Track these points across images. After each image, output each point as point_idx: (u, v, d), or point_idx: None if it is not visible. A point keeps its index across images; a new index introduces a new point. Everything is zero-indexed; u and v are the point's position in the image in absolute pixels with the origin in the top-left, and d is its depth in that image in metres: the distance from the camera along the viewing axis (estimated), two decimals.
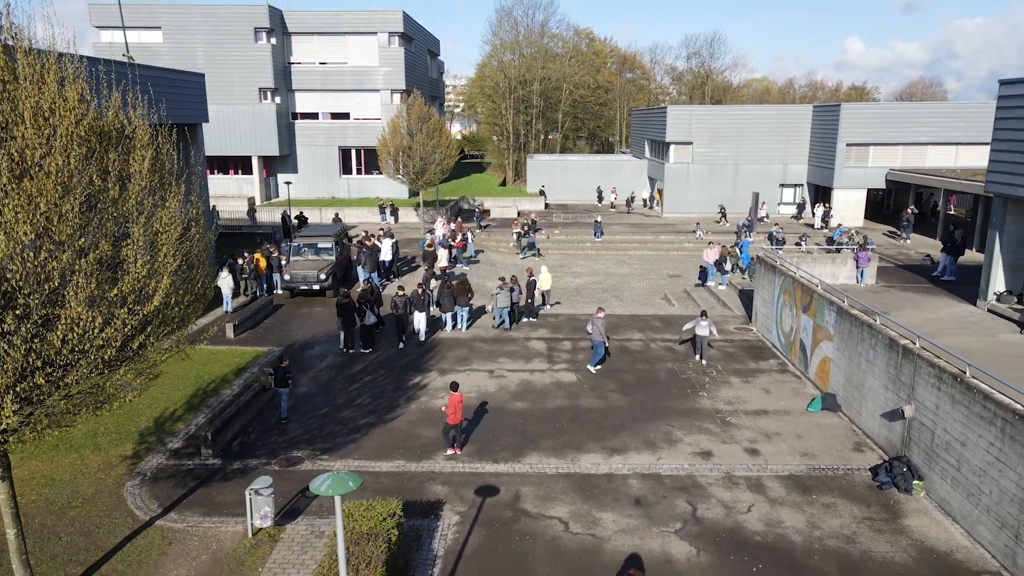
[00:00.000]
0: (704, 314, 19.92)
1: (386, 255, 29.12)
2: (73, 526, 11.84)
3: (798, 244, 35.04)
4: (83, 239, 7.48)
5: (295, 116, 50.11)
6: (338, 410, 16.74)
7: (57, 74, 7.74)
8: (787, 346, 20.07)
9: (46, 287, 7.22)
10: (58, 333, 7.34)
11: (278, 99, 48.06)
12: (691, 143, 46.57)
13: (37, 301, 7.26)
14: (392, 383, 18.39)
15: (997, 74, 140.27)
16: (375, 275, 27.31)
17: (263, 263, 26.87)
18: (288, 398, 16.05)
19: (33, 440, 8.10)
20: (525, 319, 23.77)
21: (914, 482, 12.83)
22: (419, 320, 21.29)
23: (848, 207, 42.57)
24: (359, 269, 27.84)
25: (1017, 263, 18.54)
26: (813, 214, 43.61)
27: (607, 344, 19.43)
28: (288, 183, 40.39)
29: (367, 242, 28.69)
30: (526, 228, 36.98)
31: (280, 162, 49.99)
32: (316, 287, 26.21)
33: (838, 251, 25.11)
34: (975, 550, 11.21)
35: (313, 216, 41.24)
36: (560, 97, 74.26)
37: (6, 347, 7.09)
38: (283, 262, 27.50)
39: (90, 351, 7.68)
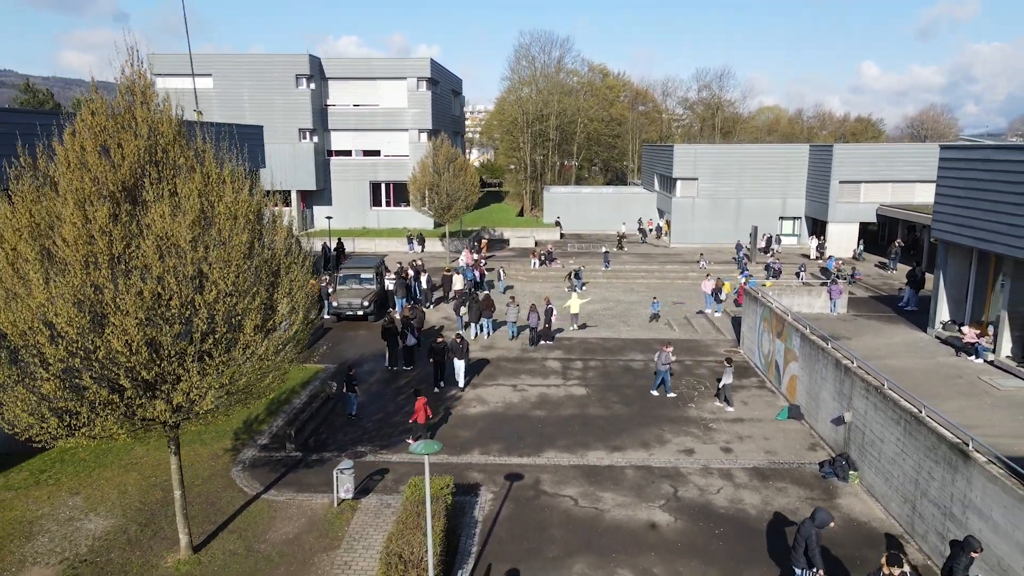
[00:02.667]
0: (729, 360, 21.38)
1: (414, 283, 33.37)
2: (200, 498, 15.55)
3: (797, 275, 38.63)
4: (254, 288, 11.26)
5: (330, 153, 54.48)
6: (390, 416, 20.42)
7: (232, 175, 11.61)
8: (766, 366, 23.55)
9: (233, 321, 11.01)
10: (238, 349, 11.11)
11: (315, 138, 52.45)
12: (696, 179, 50.26)
13: (225, 330, 11.04)
14: (432, 395, 22.03)
15: (1015, 98, 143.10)
16: (404, 301, 31.22)
17: None
18: (356, 400, 20.06)
19: (209, 422, 11.88)
20: (543, 341, 27.41)
21: (850, 472, 16.27)
22: (459, 367, 22.54)
23: (842, 239, 45.98)
24: (395, 297, 31.73)
25: (958, 297, 21.95)
26: (810, 246, 47.05)
27: (665, 373, 21.69)
28: (329, 217, 44.52)
29: (403, 274, 32.66)
30: (544, 256, 40.81)
31: (316, 195, 54.25)
32: (360, 313, 30.08)
33: (823, 284, 28.63)
34: (887, 520, 14.66)
35: (345, 245, 45.35)
36: (575, 130, 78.41)
37: (209, 360, 10.87)
38: (330, 290, 31.38)
39: (254, 362, 11.44)
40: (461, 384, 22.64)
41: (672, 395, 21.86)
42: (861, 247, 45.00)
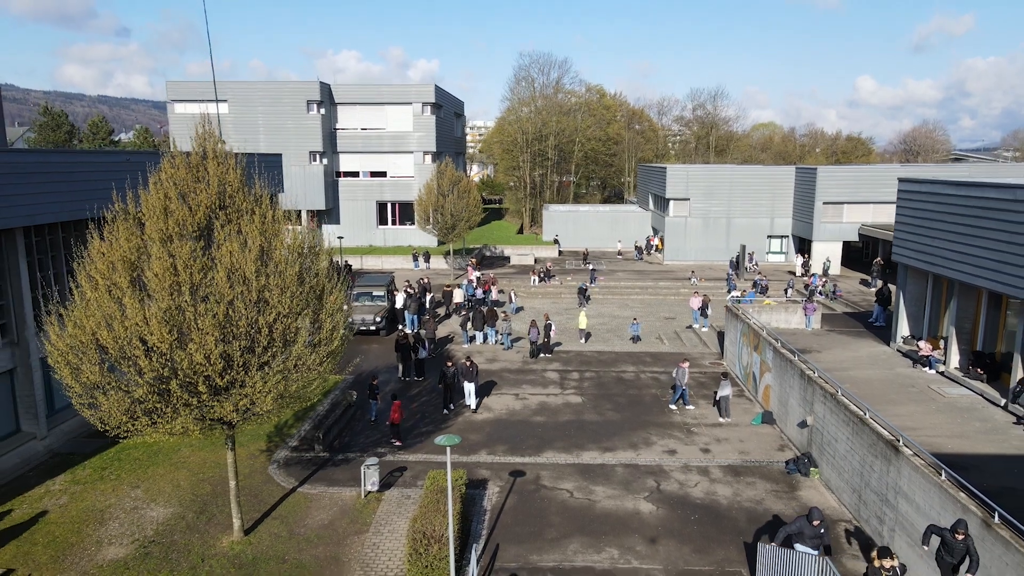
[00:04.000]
0: (726, 375, 23.04)
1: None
2: (244, 491, 17.80)
3: (785, 291, 41.06)
4: (304, 309, 13.63)
5: (339, 174, 57.07)
6: (404, 421, 22.69)
7: (284, 217, 14.03)
8: (745, 377, 25.89)
9: (288, 337, 13.37)
10: (292, 360, 13.47)
11: (325, 160, 55.04)
12: (688, 199, 52.78)
13: (280, 344, 13.41)
14: (442, 403, 24.33)
15: (1010, 112, 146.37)
16: (416, 317, 33.55)
17: None
18: (376, 406, 22.47)
19: (264, 422, 14.21)
20: (542, 354, 29.75)
21: (811, 469, 18.58)
22: (469, 389, 23.73)
23: (825, 258, 48.39)
24: (406, 313, 34.09)
25: (917, 314, 24.31)
26: (796, 264, 49.51)
27: (685, 388, 23.34)
28: (340, 238, 46.88)
29: (412, 291, 35.07)
30: (542, 273, 43.18)
31: (325, 215, 56.75)
32: (372, 328, 32.43)
33: (807, 300, 31.03)
34: (840, 508, 16.97)
35: (353, 263, 47.74)
36: (573, 149, 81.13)
37: (268, 369, 13.22)
38: (344, 307, 33.66)
39: (303, 371, 13.79)
40: (472, 405, 23.72)
41: (674, 407, 23.71)
42: (829, 262, 47.37)
